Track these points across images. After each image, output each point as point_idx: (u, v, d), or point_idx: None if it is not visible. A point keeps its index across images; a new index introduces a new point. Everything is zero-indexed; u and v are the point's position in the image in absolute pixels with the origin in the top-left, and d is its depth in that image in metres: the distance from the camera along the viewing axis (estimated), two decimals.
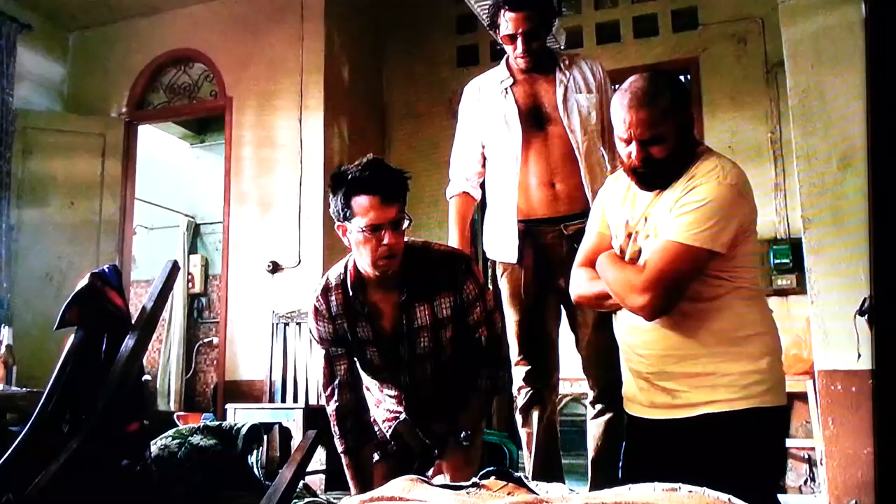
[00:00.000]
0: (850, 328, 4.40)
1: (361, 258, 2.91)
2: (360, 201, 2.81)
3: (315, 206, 6.59)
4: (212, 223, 8.35)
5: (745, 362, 2.53)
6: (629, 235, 2.68)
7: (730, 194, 2.47)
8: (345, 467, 3.08)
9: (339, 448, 3.06)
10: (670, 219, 2.49)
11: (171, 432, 3.15)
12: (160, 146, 8.57)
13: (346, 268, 3.04)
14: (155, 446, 2.97)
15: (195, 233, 8.54)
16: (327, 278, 3.08)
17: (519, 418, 3.62)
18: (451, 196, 3.73)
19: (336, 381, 3.05)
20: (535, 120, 3.53)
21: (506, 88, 3.59)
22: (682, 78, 6.83)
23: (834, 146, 4.80)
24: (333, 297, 3.02)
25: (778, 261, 6.12)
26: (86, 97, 7.58)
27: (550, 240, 3.50)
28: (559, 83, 3.54)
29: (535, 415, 3.54)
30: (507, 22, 3.45)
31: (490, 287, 3.17)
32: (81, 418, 2.38)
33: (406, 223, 2.87)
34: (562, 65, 3.59)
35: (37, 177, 6.94)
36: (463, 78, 7.49)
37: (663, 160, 2.52)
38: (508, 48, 3.56)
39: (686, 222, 2.45)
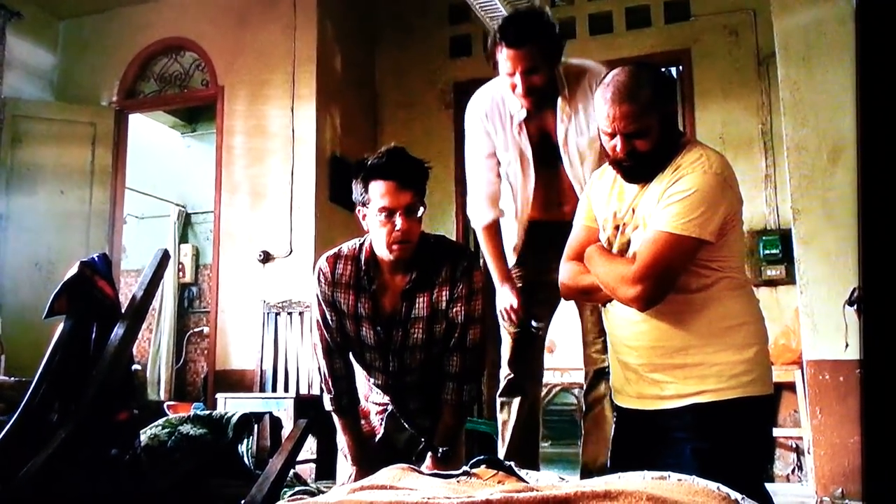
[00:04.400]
0: (839, 318, 4.42)
1: (377, 242, 2.97)
2: (377, 186, 2.90)
3: (307, 195, 6.59)
4: (203, 213, 8.34)
5: (732, 352, 2.54)
6: (617, 228, 2.68)
7: (715, 183, 2.48)
8: (339, 427, 3.17)
9: (332, 407, 3.14)
10: (658, 209, 2.50)
11: (160, 421, 3.15)
12: (151, 135, 8.55)
13: (362, 245, 3.11)
14: (144, 435, 2.97)
15: (186, 222, 8.53)
16: (340, 248, 3.15)
17: (498, 403, 3.63)
18: (482, 226, 3.53)
19: (333, 345, 3.12)
20: (546, 156, 3.41)
21: (520, 123, 3.38)
22: (673, 69, 6.86)
23: (824, 138, 4.81)
24: (341, 266, 3.09)
25: (767, 251, 6.16)
26: (76, 86, 7.55)
27: (551, 237, 3.51)
28: (560, 122, 3.34)
29: (516, 402, 3.56)
30: (506, 60, 3.17)
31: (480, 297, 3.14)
32: (70, 407, 2.38)
33: (421, 210, 2.95)
34: (566, 93, 3.33)
35: (26, 166, 6.92)
36: (456, 68, 7.57)
37: (648, 153, 2.53)
38: (507, 85, 3.26)
39: (674, 212, 2.46)
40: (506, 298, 3.46)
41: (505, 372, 3.56)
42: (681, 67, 6.85)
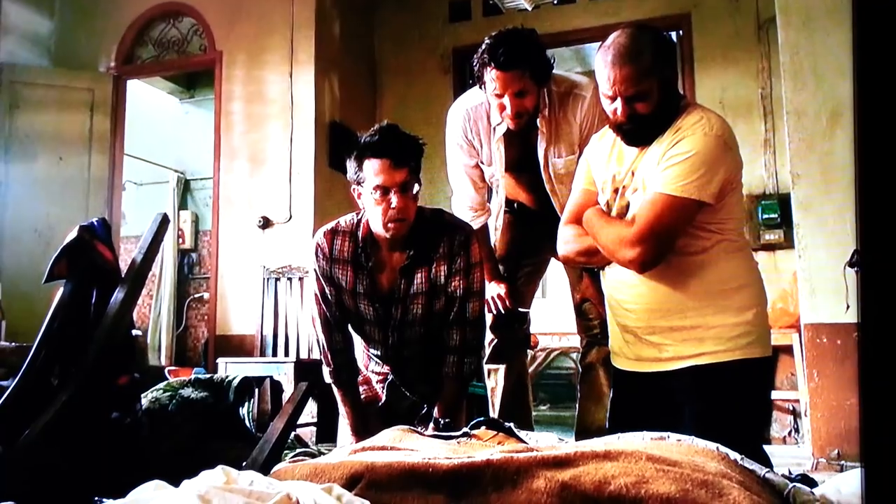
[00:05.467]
0: (836, 282, 4.43)
1: (374, 220, 2.97)
2: (371, 164, 2.89)
3: (306, 161, 6.58)
4: (202, 179, 8.32)
5: (731, 314, 2.55)
6: (616, 191, 2.68)
7: (716, 145, 2.47)
8: (339, 399, 3.20)
9: (332, 380, 3.18)
10: (658, 172, 2.50)
11: (161, 385, 3.16)
12: (149, 101, 8.52)
13: (360, 220, 3.10)
14: (145, 399, 2.98)
15: (185, 188, 8.52)
16: (338, 221, 3.16)
17: (485, 370, 3.66)
18: None
19: (332, 318, 3.14)
20: (525, 165, 3.41)
21: (501, 136, 3.34)
22: (673, 34, 6.82)
23: (824, 102, 4.79)
24: (339, 241, 3.09)
25: (766, 216, 6.17)
26: (74, 52, 7.49)
27: (534, 218, 3.53)
28: (540, 143, 3.31)
29: (502, 369, 3.60)
30: (494, 81, 3.09)
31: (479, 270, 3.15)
32: (71, 371, 2.38)
33: (416, 187, 2.94)
34: (546, 113, 3.27)
35: (25, 132, 6.89)
36: (455, 33, 7.53)
37: (648, 116, 2.53)
38: (495, 104, 3.19)
39: (674, 174, 2.45)
40: (493, 288, 3.50)
41: (489, 337, 3.58)
42: (681, 32, 6.81)
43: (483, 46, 3.11)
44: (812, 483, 1.78)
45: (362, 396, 3.27)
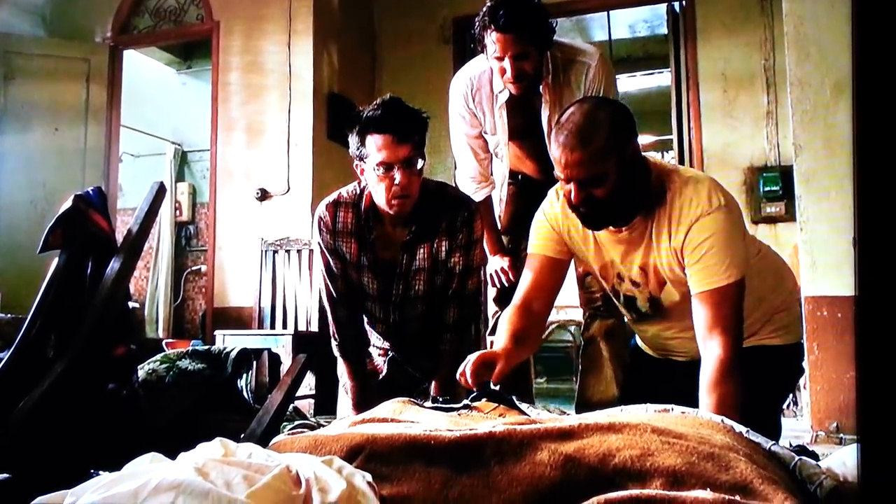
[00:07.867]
0: (838, 255, 4.42)
1: (377, 196, 2.92)
2: (374, 140, 2.83)
3: (304, 132, 6.54)
4: (199, 151, 8.28)
5: (769, 327, 2.63)
6: (619, 276, 2.62)
7: (726, 216, 2.37)
8: (345, 372, 3.19)
9: (339, 353, 3.17)
10: (690, 272, 2.40)
11: (158, 357, 3.13)
12: (145, 72, 8.45)
13: (362, 190, 3.06)
14: (142, 371, 2.96)
15: (182, 160, 8.48)
16: (340, 193, 3.11)
17: (488, 343, 3.65)
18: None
19: (336, 293, 3.12)
20: (530, 133, 3.38)
21: (503, 104, 3.31)
22: (676, 5, 6.76)
23: (827, 74, 4.75)
24: (342, 214, 3.05)
25: (767, 188, 6.14)
26: (69, 21, 7.44)
27: (538, 189, 3.51)
28: (543, 108, 3.26)
29: None
30: (494, 43, 3.07)
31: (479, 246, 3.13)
32: (66, 342, 2.36)
33: (420, 163, 2.88)
34: (549, 81, 3.24)
35: (20, 103, 6.85)
36: (455, 2, 7.46)
37: (606, 200, 2.35)
38: (495, 68, 3.18)
39: (708, 270, 2.35)
40: (496, 262, 3.47)
41: (493, 310, 3.58)
42: (683, 3, 6.75)
43: (484, 9, 3.08)
44: (814, 457, 1.76)
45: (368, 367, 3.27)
